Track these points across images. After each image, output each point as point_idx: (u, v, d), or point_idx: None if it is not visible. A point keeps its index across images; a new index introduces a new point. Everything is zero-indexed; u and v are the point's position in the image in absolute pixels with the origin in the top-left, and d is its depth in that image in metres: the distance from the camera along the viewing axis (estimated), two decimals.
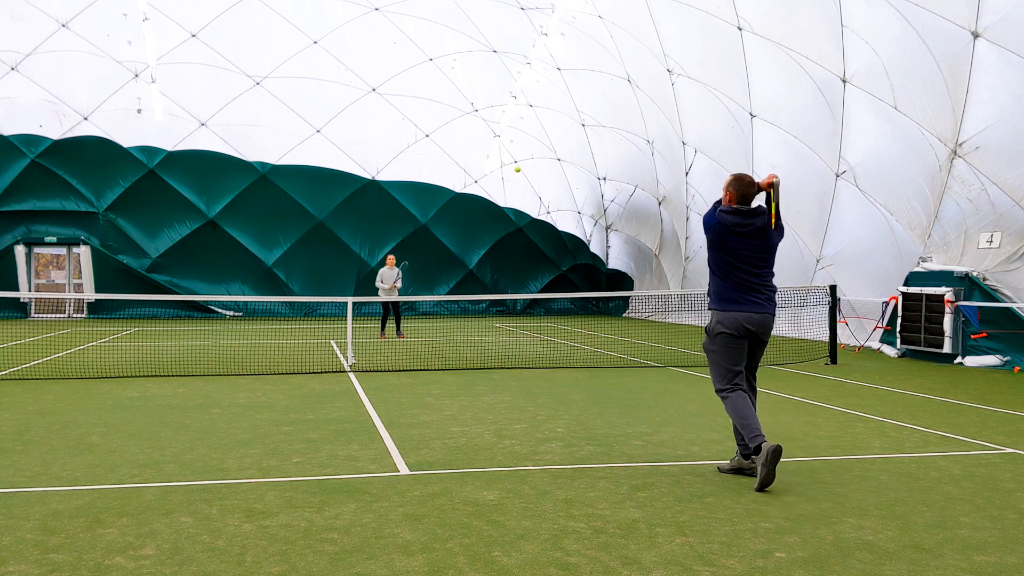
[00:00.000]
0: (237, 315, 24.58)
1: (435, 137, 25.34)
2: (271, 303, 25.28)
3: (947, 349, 12.69)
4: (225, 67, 22.55)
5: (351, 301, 12.22)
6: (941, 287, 12.83)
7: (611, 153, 24.76)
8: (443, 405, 8.16)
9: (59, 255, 26.44)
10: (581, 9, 20.16)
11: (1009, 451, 6.22)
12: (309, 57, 22.72)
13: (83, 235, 23.38)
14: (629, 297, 27.07)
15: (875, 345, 14.65)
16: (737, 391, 5.21)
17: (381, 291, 17.01)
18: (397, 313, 17.39)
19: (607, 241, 27.59)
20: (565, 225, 27.68)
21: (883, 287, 14.85)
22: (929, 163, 13.40)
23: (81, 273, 23.51)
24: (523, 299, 27.42)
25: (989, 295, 12.37)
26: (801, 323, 16.64)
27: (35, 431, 6.67)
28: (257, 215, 24.61)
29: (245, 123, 23.70)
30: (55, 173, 23.00)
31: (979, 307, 12.42)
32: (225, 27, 21.64)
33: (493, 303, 27.44)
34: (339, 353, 13.35)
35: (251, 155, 24.31)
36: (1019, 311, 12.00)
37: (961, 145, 12.61)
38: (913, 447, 6.33)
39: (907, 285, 13.53)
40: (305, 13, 22.00)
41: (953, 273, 12.81)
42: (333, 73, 23.17)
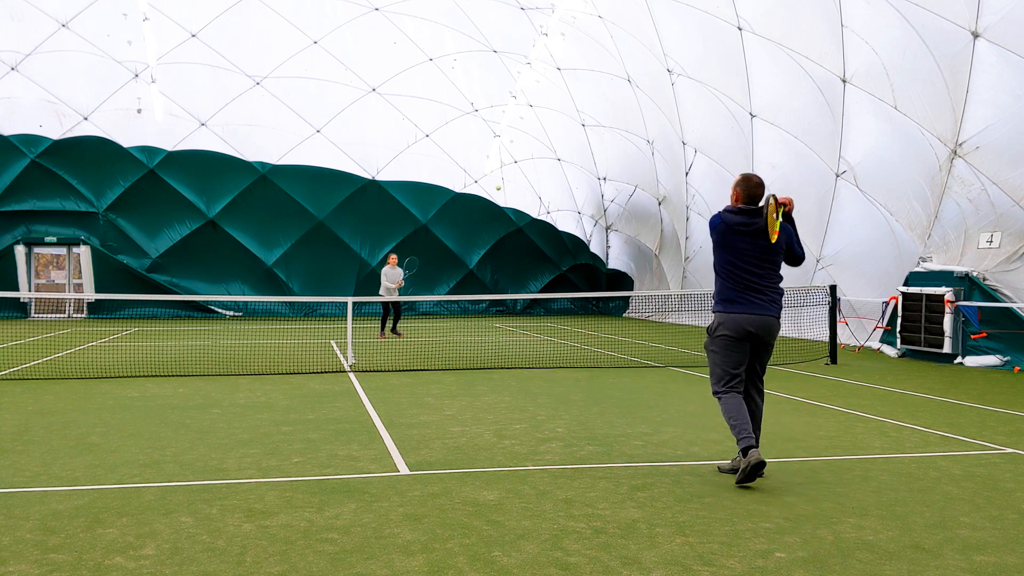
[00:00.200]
0: (237, 315, 24.58)
1: (435, 137, 25.34)
2: (271, 303, 25.28)
3: (947, 349, 12.69)
4: (225, 67, 22.55)
5: (351, 301, 12.23)
6: (941, 287, 12.83)
7: (611, 153, 24.76)
8: (443, 405, 8.16)
9: (59, 255, 26.43)
10: (581, 9, 20.16)
11: (1009, 451, 6.22)
12: (309, 57, 22.71)
13: (83, 235, 23.38)
14: (629, 297, 27.07)
15: (875, 345, 14.65)
16: (731, 393, 5.20)
17: (387, 291, 17.02)
18: (397, 312, 17.40)
19: (607, 241, 27.59)
20: (565, 225, 27.68)
21: (883, 287, 14.85)
22: (929, 163, 13.40)
23: (81, 273, 23.51)
24: (523, 299, 27.42)
25: (989, 295, 12.37)
26: (801, 323, 16.64)
27: (35, 431, 6.66)
28: (257, 215, 24.60)
29: (245, 123, 23.70)
30: (55, 173, 22.99)
31: (979, 307, 12.42)
32: (225, 27, 21.63)
33: (493, 303, 27.44)
34: (339, 353, 13.35)
35: (251, 155, 24.31)
36: (1019, 311, 12.00)
37: (961, 145, 12.61)
38: (913, 447, 6.33)
39: (907, 285, 13.53)
40: (305, 13, 21.99)
41: (953, 273, 12.81)
42: (333, 73, 23.17)
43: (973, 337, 12.48)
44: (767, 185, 5.49)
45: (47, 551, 3.79)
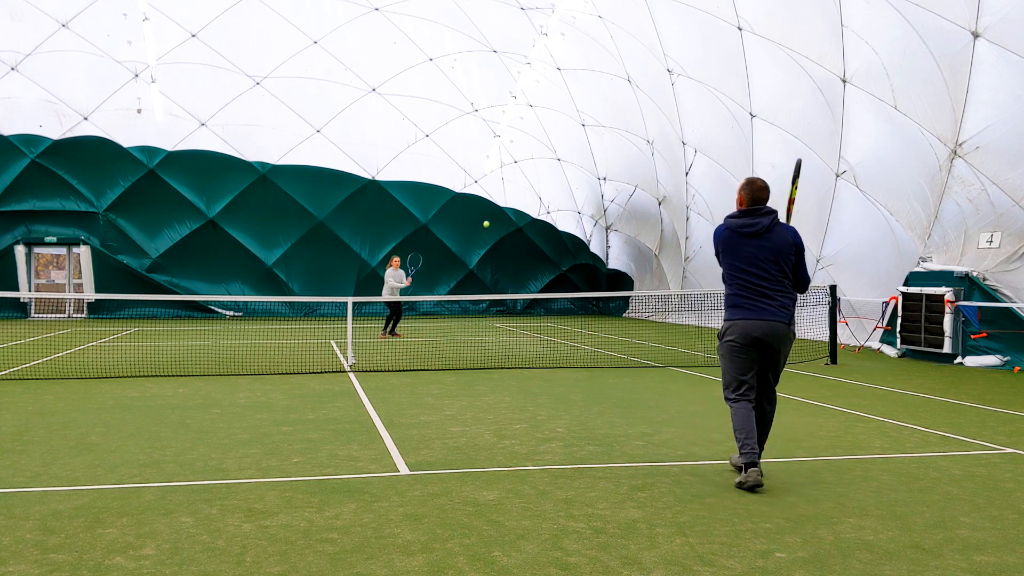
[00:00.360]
0: (237, 315, 24.58)
1: (435, 137, 25.34)
2: (271, 303, 25.28)
3: (947, 349, 12.69)
4: (225, 67, 22.55)
5: (351, 301, 12.22)
6: (941, 287, 12.83)
7: (611, 153, 24.76)
8: (443, 405, 8.16)
9: (59, 255, 26.44)
10: (581, 9, 20.16)
11: (1009, 451, 6.22)
12: (309, 57, 22.71)
13: (83, 235, 23.38)
14: (629, 297, 27.07)
15: (875, 345, 14.65)
16: (742, 402, 5.12)
17: (390, 291, 17.05)
18: (398, 313, 17.40)
19: (607, 241, 27.59)
20: (565, 225, 27.68)
21: (883, 287, 14.85)
22: (929, 163, 13.40)
23: (81, 273, 23.51)
24: (523, 299, 27.42)
25: (989, 295, 12.37)
26: (801, 323, 16.61)
27: (35, 431, 6.66)
28: (257, 215, 24.60)
29: (245, 123, 23.70)
30: (55, 173, 22.99)
31: (979, 307, 12.42)
32: (225, 27, 21.63)
33: (493, 303, 27.44)
34: (339, 353, 13.35)
35: (251, 155, 24.31)
36: (1019, 311, 12.00)
37: (961, 145, 12.61)
38: (913, 447, 6.33)
39: (907, 285, 13.53)
40: (305, 13, 21.99)
41: (953, 273, 12.81)
42: (333, 73, 23.17)
43: (973, 337, 12.48)
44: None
45: (47, 551, 3.79)
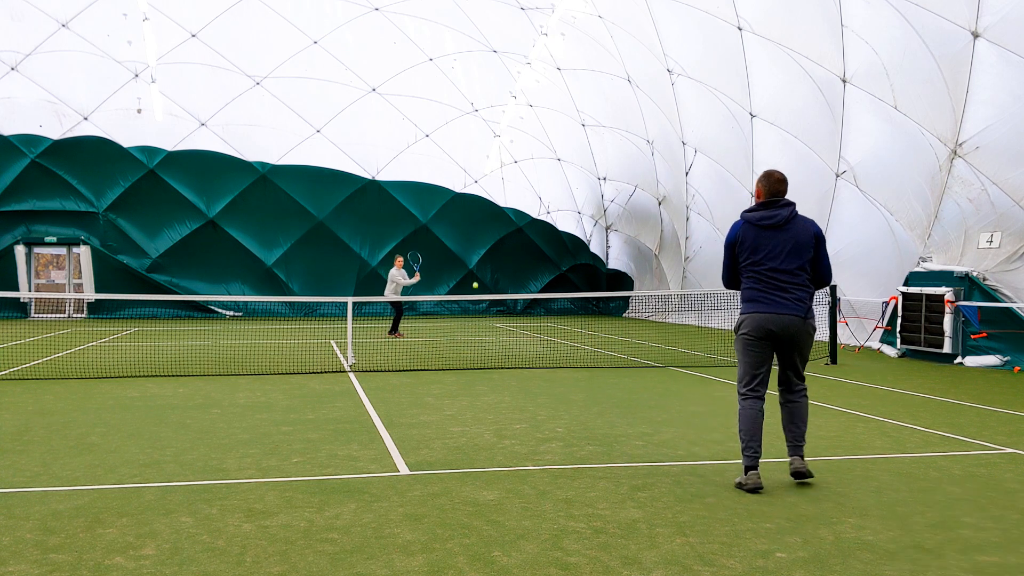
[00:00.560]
0: (237, 315, 24.58)
1: (435, 137, 25.34)
2: (271, 303, 25.28)
3: (947, 349, 12.69)
4: (225, 67, 22.54)
5: (351, 301, 12.22)
6: (941, 287, 12.83)
7: (611, 153, 24.76)
8: (443, 405, 8.16)
9: (59, 255, 26.44)
10: (581, 9, 20.16)
11: (1009, 451, 6.21)
12: (309, 57, 22.71)
13: (83, 235, 23.38)
14: (629, 297, 27.07)
15: (875, 345, 14.65)
16: (751, 399, 5.09)
17: (393, 291, 17.06)
18: (399, 312, 17.41)
19: (607, 241, 27.59)
20: (565, 225, 27.68)
21: (883, 287, 14.84)
22: (929, 163, 13.40)
23: (81, 273, 23.51)
24: (523, 299, 27.42)
25: (989, 295, 12.37)
26: None
27: (35, 431, 6.66)
28: (257, 215, 24.60)
29: (245, 123, 23.70)
30: (55, 173, 22.99)
31: (979, 307, 12.41)
32: (225, 27, 21.63)
33: (493, 303, 27.44)
34: (339, 353, 13.35)
35: (251, 155, 24.30)
36: (1019, 311, 12.00)
37: (961, 145, 12.61)
38: (914, 447, 6.33)
39: (907, 285, 13.52)
40: (305, 13, 21.99)
41: (953, 273, 12.80)
42: (333, 73, 23.17)
43: (973, 337, 12.47)
44: None
45: (47, 551, 3.79)
